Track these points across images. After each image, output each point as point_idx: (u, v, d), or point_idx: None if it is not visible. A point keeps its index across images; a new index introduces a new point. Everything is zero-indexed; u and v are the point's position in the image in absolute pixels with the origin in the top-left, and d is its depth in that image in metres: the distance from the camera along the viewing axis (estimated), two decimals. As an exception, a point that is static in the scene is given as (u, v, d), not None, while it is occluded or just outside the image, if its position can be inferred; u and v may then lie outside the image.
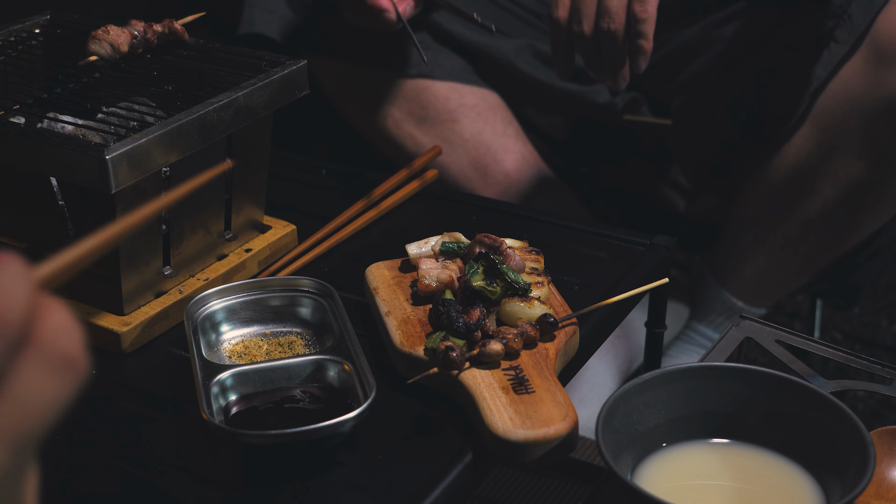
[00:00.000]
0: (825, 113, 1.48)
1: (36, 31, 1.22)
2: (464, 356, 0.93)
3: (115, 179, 0.95)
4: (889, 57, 1.41)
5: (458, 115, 1.68)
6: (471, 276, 0.99)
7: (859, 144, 1.47)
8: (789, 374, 0.93)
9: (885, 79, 1.41)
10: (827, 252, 1.60)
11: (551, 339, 0.99)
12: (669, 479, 0.88)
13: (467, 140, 1.68)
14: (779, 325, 1.10)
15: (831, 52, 1.45)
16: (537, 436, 0.87)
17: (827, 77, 1.46)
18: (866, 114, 1.44)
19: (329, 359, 0.96)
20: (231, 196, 1.13)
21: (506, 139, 1.70)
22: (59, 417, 0.44)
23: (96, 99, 1.08)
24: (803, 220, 1.57)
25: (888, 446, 0.93)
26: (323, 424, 0.86)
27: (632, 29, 1.29)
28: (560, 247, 1.21)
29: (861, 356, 1.05)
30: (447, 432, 0.93)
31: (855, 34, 1.42)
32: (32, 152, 0.99)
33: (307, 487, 0.87)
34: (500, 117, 1.71)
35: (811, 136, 1.51)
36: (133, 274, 1.04)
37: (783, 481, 0.88)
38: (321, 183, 1.38)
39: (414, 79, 1.67)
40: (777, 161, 1.56)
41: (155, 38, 1.16)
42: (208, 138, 1.03)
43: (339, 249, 1.22)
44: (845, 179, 1.50)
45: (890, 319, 1.99)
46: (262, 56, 1.14)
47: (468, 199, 1.37)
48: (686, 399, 0.91)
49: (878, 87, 1.42)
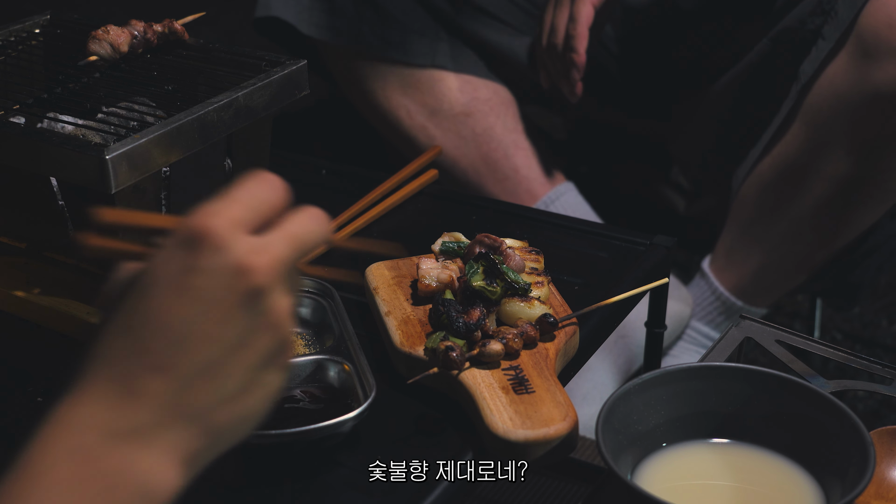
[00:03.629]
0: (813, 109, 1.49)
1: (36, 31, 1.22)
2: (464, 356, 0.93)
3: (115, 179, 0.95)
4: (873, 51, 1.42)
5: (471, 108, 1.69)
6: (471, 276, 0.99)
7: (847, 140, 1.48)
8: (789, 374, 0.93)
9: (870, 73, 1.42)
10: (822, 249, 1.60)
11: (551, 339, 0.99)
12: (669, 479, 0.88)
13: (479, 134, 1.69)
14: (779, 325, 1.10)
15: (818, 49, 1.46)
16: (537, 436, 0.87)
17: (814, 73, 1.47)
18: (852, 109, 1.45)
19: (329, 359, 0.96)
20: (231, 196, 1.13)
21: (517, 135, 1.72)
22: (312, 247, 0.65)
23: (96, 99, 1.08)
24: (796, 218, 1.57)
25: (888, 446, 0.93)
26: (323, 424, 0.87)
27: (567, 44, 1.53)
28: (560, 247, 1.21)
29: (861, 356, 1.05)
30: (447, 432, 0.93)
31: (840, 29, 1.43)
32: (32, 152, 0.99)
33: (307, 487, 0.87)
34: (511, 113, 1.72)
35: (800, 132, 1.52)
36: (133, 274, 1.04)
37: (783, 481, 0.88)
38: (321, 183, 1.38)
39: (428, 69, 1.68)
40: (769, 159, 1.57)
41: (155, 38, 1.16)
42: (208, 138, 1.03)
43: (339, 249, 1.22)
44: (835, 175, 1.51)
45: (890, 319, 1.99)
46: (262, 56, 1.14)
47: (468, 199, 1.37)
48: (686, 399, 0.91)
49: (863, 82, 1.43)
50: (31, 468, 0.59)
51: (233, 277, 0.61)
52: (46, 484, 0.58)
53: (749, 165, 1.61)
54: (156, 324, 0.61)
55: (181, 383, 0.61)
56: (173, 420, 0.61)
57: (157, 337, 0.60)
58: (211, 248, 0.60)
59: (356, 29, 1.66)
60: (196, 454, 0.62)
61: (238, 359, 0.62)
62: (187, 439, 0.61)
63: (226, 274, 0.61)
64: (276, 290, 0.63)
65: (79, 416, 0.60)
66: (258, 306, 0.62)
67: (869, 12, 1.42)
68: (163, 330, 0.60)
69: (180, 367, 0.61)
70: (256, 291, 0.61)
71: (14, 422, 0.95)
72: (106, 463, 0.59)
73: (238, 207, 0.63)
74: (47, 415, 0.61)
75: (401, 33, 1.66)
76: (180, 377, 0.61)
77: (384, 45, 1.66)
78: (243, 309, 0.61)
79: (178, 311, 0.60)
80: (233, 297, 0.61)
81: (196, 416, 0.61)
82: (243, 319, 0.62)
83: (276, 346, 0.64)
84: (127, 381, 0.60)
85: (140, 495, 0.60)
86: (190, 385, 0.61)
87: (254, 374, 0.63)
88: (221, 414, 0.62)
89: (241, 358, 0.62)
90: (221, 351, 0.61)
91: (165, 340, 0.60)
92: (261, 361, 0.63)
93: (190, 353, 0.61)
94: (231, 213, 0.62)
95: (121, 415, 0.60)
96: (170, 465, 0.61)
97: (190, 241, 0.61)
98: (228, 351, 0.62)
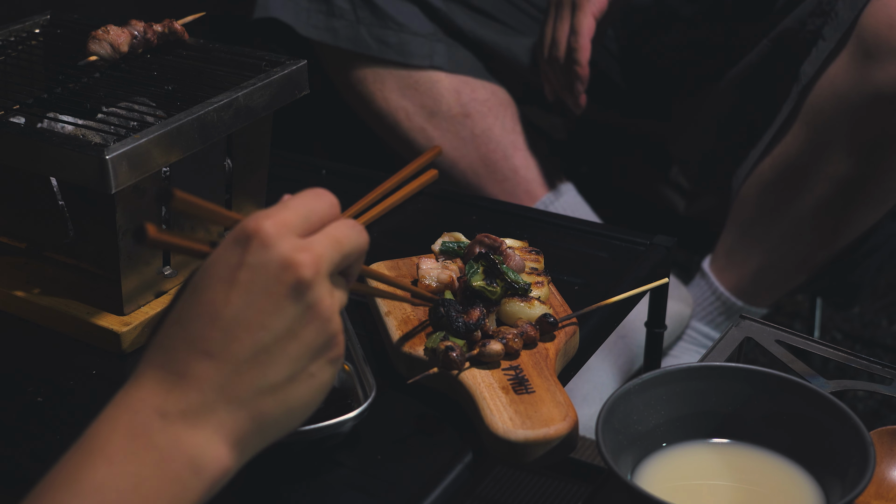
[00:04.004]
0: (814, 110, 1.49)
1: (36, 31, 1.22)
2: (464, 356, 0.93)
3: (115, 179, 0.95)
4: (873, 52, 1.42)
5: (470, 109, 1.69)
6: (471, 276, 0.99)
7: (847, 140, 1.48)
8: (789, 374, 0.93)
9: (870, 74, 1.42)
10: (823, 249, 1.60)
11: (551, 339, 0.99)
12: (669, 479, 0.88)
13: (477, 136, 1.69)
14: (779, 325, 1.10)
15: (819, 49, 1.46)
16: (537, 436, 0.87)
17: (815, 74, 1.47)
18: (853, 109, 1.45)
19: (329, 359, 0.96)
20: (231, 196, 1.13)
21: (515, 136, 1.72)
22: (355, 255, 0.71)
23: (96, 99, 1.08)
24: (797, 218, 1.57)
25: (888, 446, 0.93)
26: (323, 424, 0.87)
27: (569, 56, 1.55)
28: (560, 247, 1.21)
29: (861, 356, 1.05)
30: (447, 432, 0.93)
31: (841, 30, 1.43)
32: (32, 152, 0.99)
33: (307, 487, 0.87)
34: (509, 114, 1.72)
35: (801, 133, 1.52)
36: (133, 274, 1.04)
37: (783, 481, 0.88)
38: (321, 183, 1.37)
39: (426, 70, 1.68)
40: (770, 159, 1.57)
41: (155, 38, 1.16)
42: (208, 138, 1.03)
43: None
44: (835, 176, 1.51)
45: (890, 319, 1.99)
46: (262, 56, 1.14)
47: (468, 199, 1.37)
48: (686, 399, 0.91)
49: (864, 83, 1.43)
50: (92, 442, 0.65)
51: (279, 271, 0.66)
52: (106, 455, 0.64)
53: (749, 166, 1.61)
54: (208, 314, 0.66)
55: (231, 369, 0.65)
56: (223, 403, 0.66)
57: (209, 326, 0.66)
58: (260, 244, 0.66)
59: (354, 31, 1.66)
60: (244, 438, 0.67)
61: (286, 348, 0.67)
62: (236, 422, 0.66)
63: (272, 268, 0.66)
64: (322, 285, 0.67)
65: (136, 397, 0.66)
66: (305, 299, 0.67)
67: (869, 13, 1.42)
68: (214, 319, 0.65)
69: (230, 353, 0.65)
70: (302, 284, 0.66)
71: (14, 422, 0.95)
72: (159, 438, 0.65)
73: (289, 213, 0.68)
74: (110, 397, 0.67)
75: (398, 35, 1.66)
76: (230, 363, 0.65)
77: (382, 47, 1.66)
78: (290, 300, 0.66)
79: (229, 302, 0.66)
80: (280, 289, 0.66)
81: (244, 401, 0.66)
82: (290, 310, 0.66)
83: (324, 340, 0.68)
84: (180, 366, 0.66)
85: (190, 468, 0.65)
86: (239, 371, 0.66)
87: (302, 365, 0.68)
88: (269, 401, 0.67)
89: (289, 348, 0.67)
90: (269, 340, 0.66)
91: (216, 329, 0.65)
92: (308, 353, 0.68)
93: (239, 341, 0.66)
94: (281, 217, 0.67)
95: (174, 397, 0.65)
96: (219, 444, 0.66)
97: (242, 239, 0.66)
98: (276, 340, 0.66)
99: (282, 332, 0.66)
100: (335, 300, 0.69)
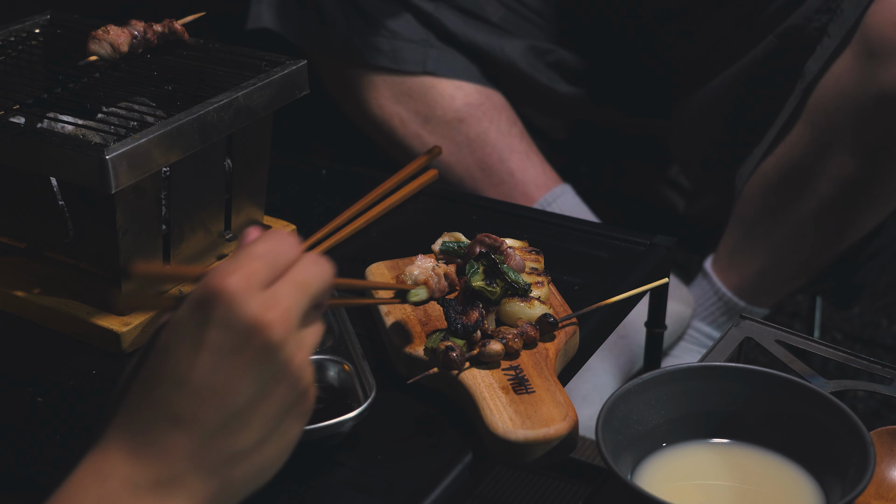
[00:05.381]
0: (818, 109, 1.49)
1: (36, 31, 1.22)
2: (464, 356, 0.93)
3: (115, 179, 0.95)
4: (878, 51, 1.41)
5: (464, 114, 1.69)
6: (471, 276, 0.99)
7: (852, 140, 1.47)
8: (789, 374, 0.93)
9: (875, 73, 1.42)
10: (826, 250, 1.60)
11: (551, 339, 0.99)
12: (669, 479, 0.88)
13: (473, 140, 1.69)
14: (779, 325, 1.10)
15: (823, 47, 1.46)
16: (537, 436, 0.87)
17: (819, 72, 1.47)
18: (857, 109, 1.45)
19: (329, 359, 0.96)
20: (231, 196, 1.13)
21: (511, 139, 1.71)
22: (322, 295, 0.68)
23: (96, 99, 1.08)
24: (800, 218, 1.57)
25: (888, 446, 0.93)
26: (323, 424, 0.87)
27: None
28: (560, 247, 1.21)
29: (861, 356, 1.05)
30: (447, 432, 0.93)
31: (845, 28, 1.43)
32: (32, 152, 0.99)
33: (307, 487, 0.87)
34: (504, 117, 1.72)
35: (805, 133, 1.52)
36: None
37: (783, 481, 0.88)
38: (321, 183, 1.38)
39: (420, 76, 1.68)
40: (773, 159, 1.57)
41: (155, 38, 1.16)
42: (208, 138, 1.03)
43: (339, 249, 1.22)
44: (840, 176, 1.50)
45: (890, 319, 1.99)
46: (262, 56, 1.14)
47: (468, 199, 1.37)
48: (686, 399, 0.91)
49: (869, 82, 1.43)
50: None
51: (248, 333, 0.63)
52: None
53: (752, 164, 1.61)
54: (175, 378, 0.63)
55: (201, 437, 0.64)
56: (193, 472, 0.64)
57: (177, 391, 0.63)
58: (226, 305, 0.63)
59: (346, 38, 1.66)
60: (214, 502, 0.65)
61: (257, 411, 0.65)
62: (206, 489, 0.64)
63: (240, 329, 0.63)
64: (292, 342, 0.65)
65: (105, 465, 0.64)
66: (275, 359, 0.64)
67: (874, 12, 1.41)
68: (181, 384, 0.63)
69: (200, 421, 0.63)
70: (272, 345, 0.64)
71: (14, 421, 0.95)
72: None
73: (255, 264, 0.65)
74: (79, 461, 0.64)
75: (391, 41, 1.66)
76: (200, 431, 0.63)
77: (374, 54, 1.66)
78: (260, 363, 0.64)
79: (197, 366, 0.63)
80: (249, 352, 0.63)
81: (215, 469, 0.64)
82: (261, 373, 0.64)
83: (296, 396, 0.66)
84: (150, 434, 0.63)
85: None
86: (209, 438, 0.64)
87: (273, 425, 0.66)
88: (240, 466, 0.65)
89: (261, 410, 0.65)
90: (240, 404, 0.64)
91: (185, 394, 0.63)
92: (280, 412, 0.66)
93: (209, 407, 0.63)
94: (247, 271, 0.64)
95: (144, 468, 0.63)
96: None
97: (207, 299, 0.63)
98: (247, 404, 0.64)
99: (252, 395, 0.64)
100: (306, 350, 0.67)
